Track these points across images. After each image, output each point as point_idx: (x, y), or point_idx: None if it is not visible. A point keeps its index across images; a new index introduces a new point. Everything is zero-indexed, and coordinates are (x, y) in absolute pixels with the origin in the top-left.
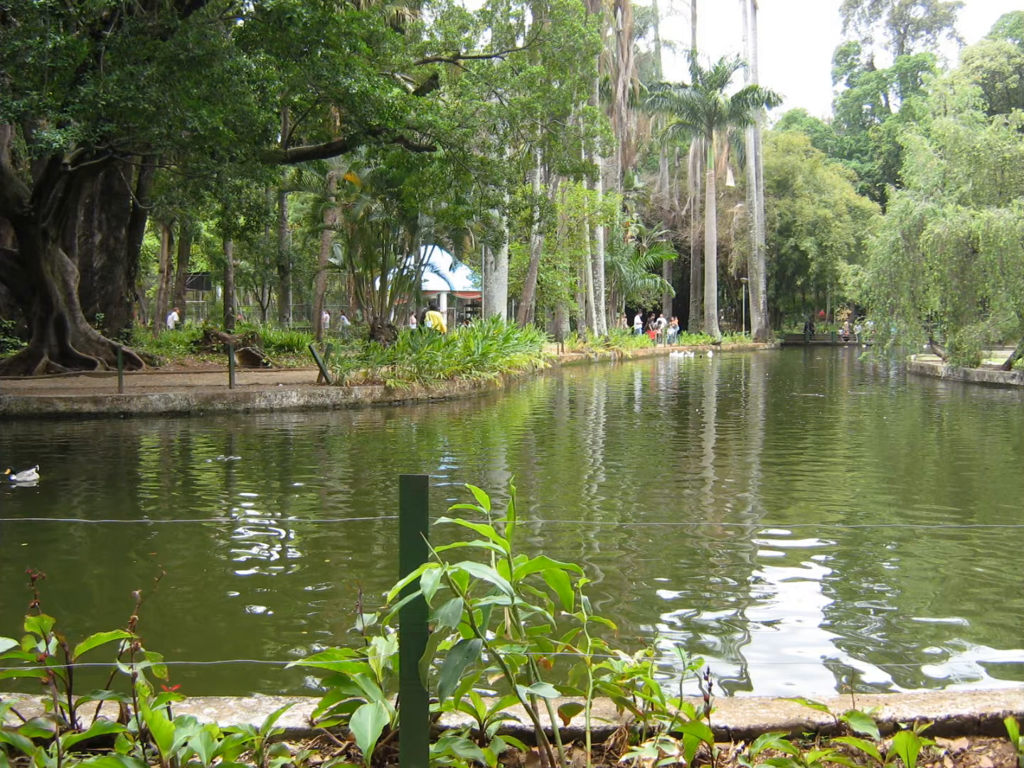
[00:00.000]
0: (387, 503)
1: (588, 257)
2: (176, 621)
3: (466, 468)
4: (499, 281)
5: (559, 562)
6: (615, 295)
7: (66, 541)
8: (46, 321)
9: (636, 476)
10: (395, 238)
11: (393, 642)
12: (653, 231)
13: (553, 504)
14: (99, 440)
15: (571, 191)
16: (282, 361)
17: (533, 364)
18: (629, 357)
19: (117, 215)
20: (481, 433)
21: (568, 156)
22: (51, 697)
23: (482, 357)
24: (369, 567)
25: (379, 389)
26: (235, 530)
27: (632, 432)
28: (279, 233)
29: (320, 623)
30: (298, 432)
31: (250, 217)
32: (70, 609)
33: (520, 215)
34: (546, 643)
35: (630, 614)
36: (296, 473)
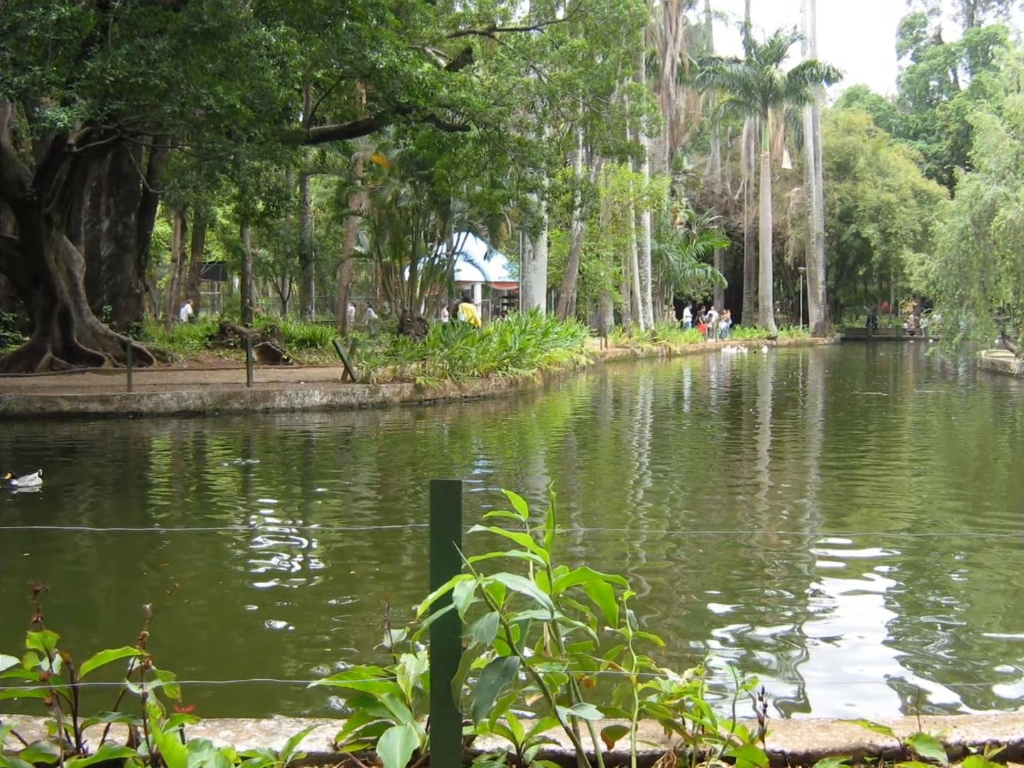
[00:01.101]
0: (417, 510)
1: (634, 245)
2: (190, 637)
3: (502, 472)
4: (538, 271)
5: (602, 573)
6: (662, 286)
7: (71, 551)
8: (49, 314)
9: (685, 481)
10: (426, 225)
11: (424, 660)
12: (703, 217)
13: (596, 511)
14: (107, 442)
15: (615, 174)
16: (304, 357)
17: (574, 360)
18: (678, 353)
19: (126, 200)
20: (518, 435)
21: (612, 136)
22: (55, 719)
23: (519, 353)
24: (398, 579)
25: (408, 387)
26: (253, 539)
27: (681, 434)
28: (301, 219)
29: (345, 639)
30: (321, 433)
31: (269, 202)
32: (75, 624)
33: (560, 200)
34: (588, 661)
35: (679, 630)
36: (319, 478)
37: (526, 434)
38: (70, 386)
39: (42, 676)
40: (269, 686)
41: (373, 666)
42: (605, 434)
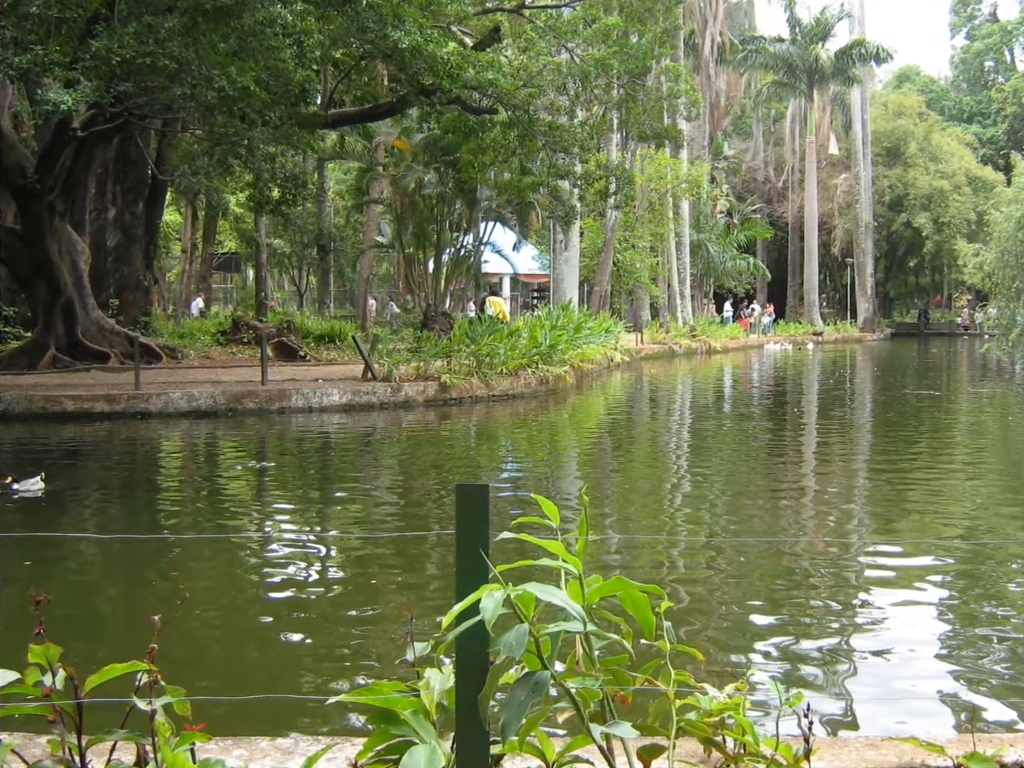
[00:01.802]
0: (442, 516)
1: (671, 235)
2: (201, 650)
3: (532, 476)
4: (569, 263)
5: (638, 583)
6: (702, 278)
7: (75, 559)
8: (52, 308)
9: (726, 485)
10: (451, 213)
11: (449, 674)
12: (745, 205)
13: (631, 517)
14: (113, 444)
15: (652, 160)
16: (322, 354)
17: (608, 357)
18: (718, 349)
19: (134, 187)
20: (549, 436)
21: (648, 120)
22: (58, 737)
23: (550, 349)
24: (421, 589)
25: (433, 386)
26: (268, 547)
27: (721, 435)
28: (318, 208)
29: (365, 653)
30: (340, 435)
31: (285, 189)
32: (80, 637)
33: (594, 187)
34: (623, 676)
35: (719, 643)
36: (338, 482)
37: (557, 435)
38: (74, 384)
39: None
40: (285, 702)
41: (395, 681)
42: (641, 435)
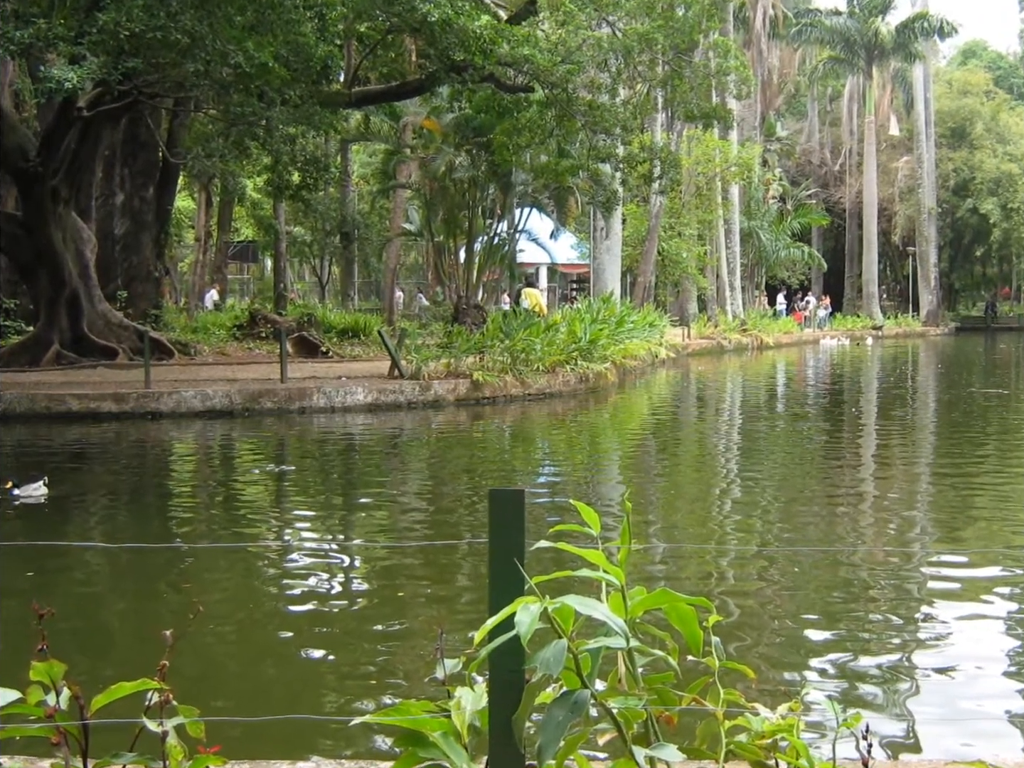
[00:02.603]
0: (474, 523)
1: (720, 222)
2: (216, 668)
3: (570, 480)
4: (611, 252)
5: (684, 595)
6: (753, 268)
7: (81, 569)
8: (56, 300)
9: (778, 490)
10: (484, 199)
11: (482, 693)
12: (799, 190)
13: (677, 525)
14: (121, 446)
15: (699, 141)
16: (345, 350)
17: (653, 353)
18: (770, 344)
19: (143, 171)
20: (589, 437)
21: (695, 98)
22: (62, 761)
23: (590, 345)
24: (452, 602)
25: (464, 384)
26: (288, 557)
27: (774, 436)
28: (342, 193)
29: (392, 670)
30: (365, 436)
31: (306, 173)
32: (86, 653)
33: (637, 170)
34: (668, 695)
35: (771, 659)
36: (363, 487)
37: (598, 437)
38: (79, 382)
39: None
40: (306, 723)
41: (424, 700)
42: (688, 437)
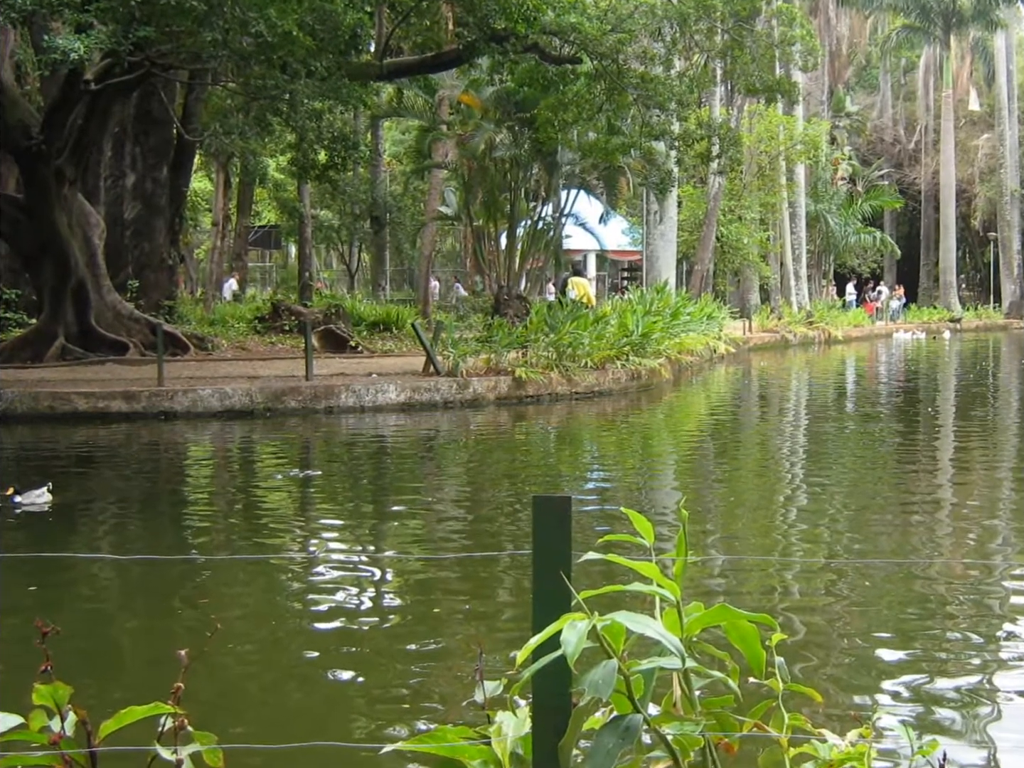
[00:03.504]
0: (516, 533)
1: (784, 205)
2: (235, 690)
3: (621, 486)
4: (665, 237)
5: (746, 612)
6: (820, 256)
7: (88, 583)
8: (61, 291)
9: (848, 497)
10: (527, 180)
11: (524, 718)
12: (871, 170)
13: (738, 535)
14: (132, 449)
15: (762, 117)
16: (376, 344)
17: (711, 348)
18: (839, 338)
19: (156, 150)
20: (641, 439)
21: (757, 70)
22: None
23: (643, 339)
24: (492, 619)
25: (505, 381)
26: (314, 570)
27: (843, 439)
28: (372, 173)
29: (427, 693)
30: (398, 438)
31: (333, 152)
32: (93, 674)
33: (694, 149)
34: (728, 720)
35: (840, 681)
36: (395, 493)
37: (651, 439)
38: (87, 380)
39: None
40: (333, 751)
41: (462, 726)
42: (749, 439)
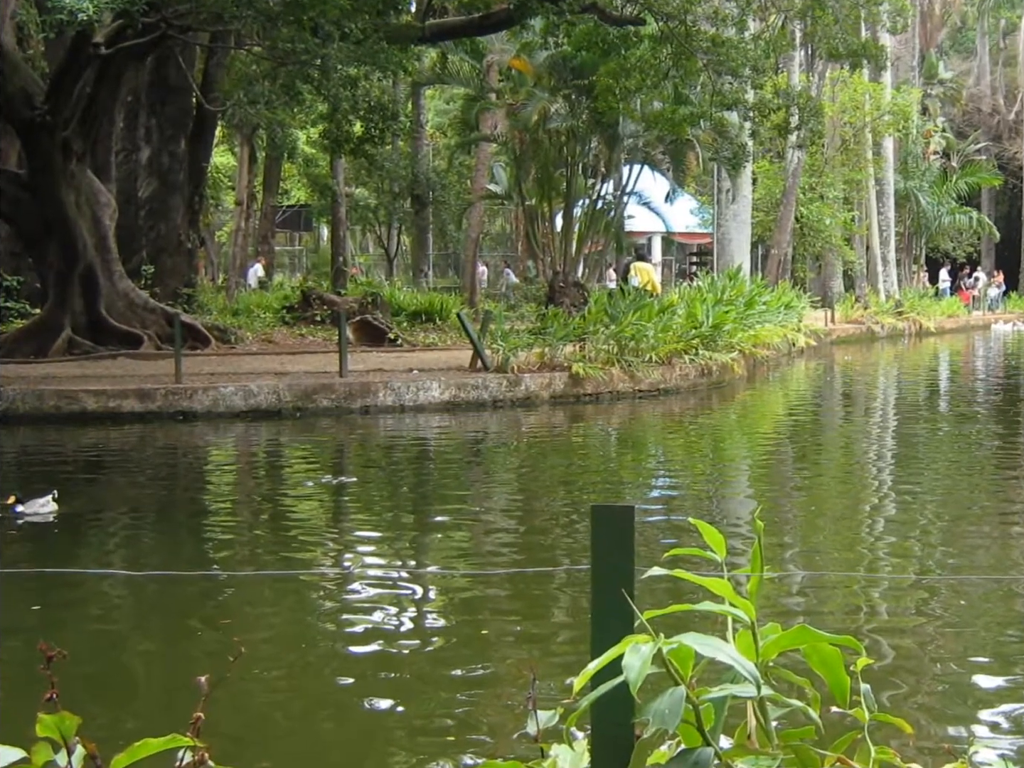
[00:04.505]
0: (573, 547)
1: (871, 182)
2: (261, 721)
3: (690, 494)
4: (739, 218)
5: (828, 634)
6: (910, 238)
7: (97, 602)
8: (68, 277)
9: (941, 507)
10: (585, 155)
11: (582, 752)
12: (967, 144)
13: (819, 548)
14: (146, 452)
15: (845, 85)
16: (417, 336)
17: (789, 341)
18: (931, 330)
19: (174, 121)
20: (712, 442)
21: (841, 33)
22: None
23: (713, 331)
24: (546, 641)
25: (561, 377)
26: (348, 587)
27: (936, 442)
28: (413, 147)
29: (474, 724)
30: (441, 441)
31: (370, 123)
32: (103, 703)
33: (770, 120)
34: (808, 753)
35: (932, 710)
36: (438, 502)
37: (723, 442)
38: (96, 376)
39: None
40: None
41: (513, 761)
42: (831, 442)
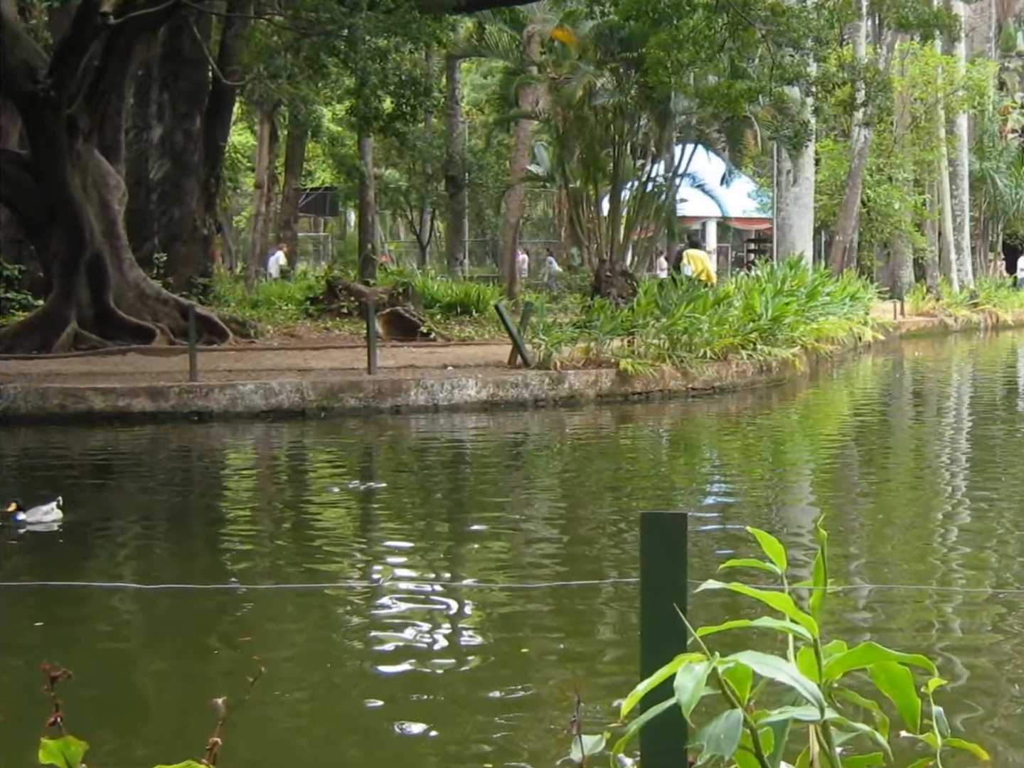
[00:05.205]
0: (621, 558)
1: (943, 163)
2: (282, 746)
3: (747, 501)
4: (800, 202)
5: (897, 652)
6: (987, 224)
7: (105, 618)
8: (74, 266)
9: (1020, 515)
10: (634, 133)
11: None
12: None
13: (887, 560)
14: (159, 456)
15: (916, 57)
16: (452, 330)
17: (855, 335)
18: (1009, 323)
19: (188, 97)
20: (771, 445)
21: (911, 1)
22: None
23: (773, 324)
24: (591, 660)
25: (608, 374)
26: (377, 601)
27: (1014, 444)
28: (448, 125)
29: (513, 750)
30: (478, 443)
31: (401, 99)
32: (111, 727)
33: (834, 95)
34: None
35: (1011, 736)
36: (475, 509)
37: (783, 444)
38: (104, 373)
39: None
40: None
41: None
42: (901, 445)
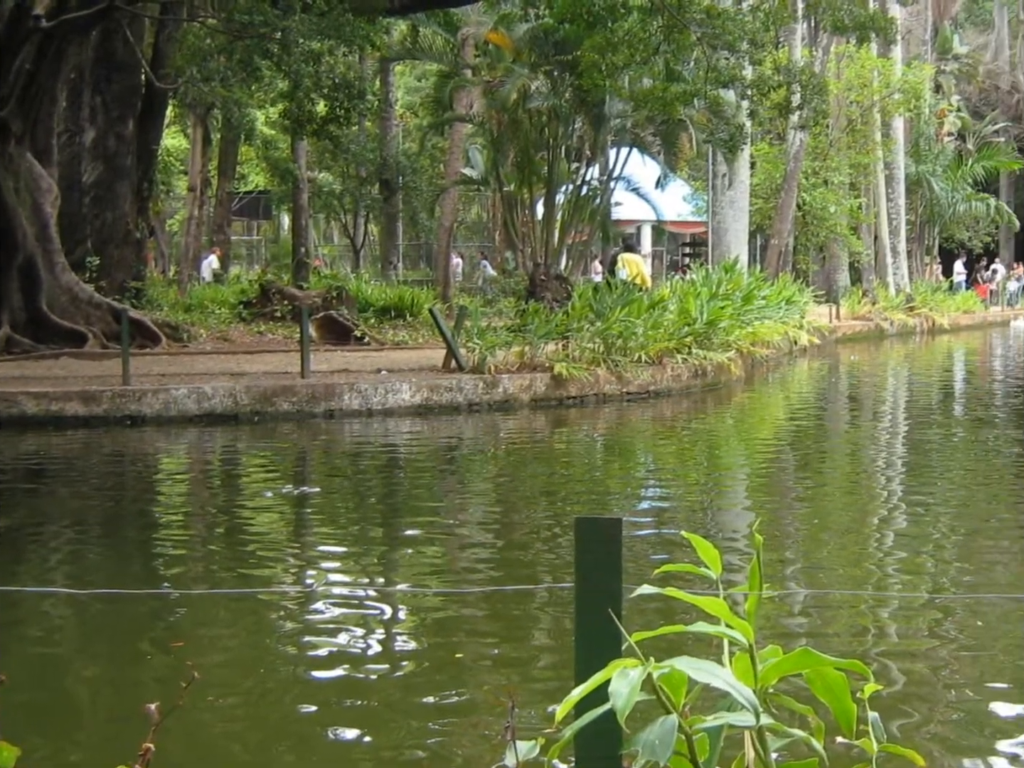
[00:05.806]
0: (555, 562)
1: (879, 167)
2: (215, 752)
3: (682, 506)
4: (736, 205)
5: (833, 657)
6: (923, 228)
7: (37, 623)
8: (6, 269)
9: (956, 520)
10: (568, 136)
11: None
12: (984, 125)
13: (823, 565)
14: (91, 460)
15: (852, 60)
16: (386, 334)
17: (790, 339)
18: (945, 327)
19: (121, 100)
20: (707, 449)
21: (847, 4)
22: None
23: (708, 328)
24: (526, 665)
25: (543, 379)
26: (311, 606)
27: (950, 448)
28: (382, 128)
29: (447, 755)
30: (412, 448)
31: (335, 102)
32: (44, 732)
33: (769, 98)
34: None
35: (946, 741)
36: (409, 514)
37: (718, 449)
38: (37, 377)
39: None
40: None
41: None
42: (837, 449)
